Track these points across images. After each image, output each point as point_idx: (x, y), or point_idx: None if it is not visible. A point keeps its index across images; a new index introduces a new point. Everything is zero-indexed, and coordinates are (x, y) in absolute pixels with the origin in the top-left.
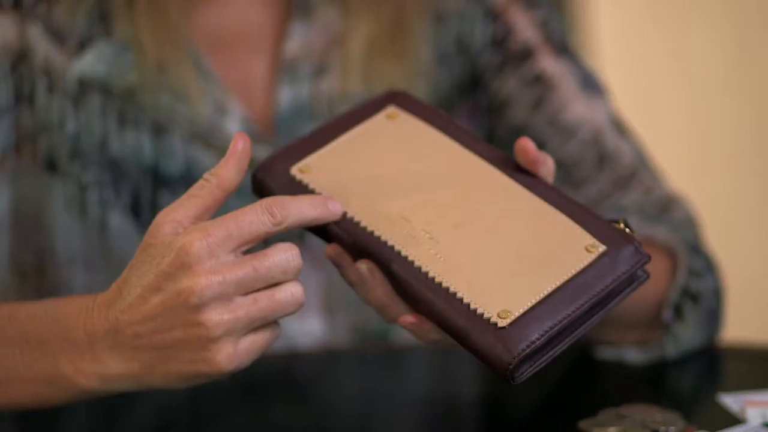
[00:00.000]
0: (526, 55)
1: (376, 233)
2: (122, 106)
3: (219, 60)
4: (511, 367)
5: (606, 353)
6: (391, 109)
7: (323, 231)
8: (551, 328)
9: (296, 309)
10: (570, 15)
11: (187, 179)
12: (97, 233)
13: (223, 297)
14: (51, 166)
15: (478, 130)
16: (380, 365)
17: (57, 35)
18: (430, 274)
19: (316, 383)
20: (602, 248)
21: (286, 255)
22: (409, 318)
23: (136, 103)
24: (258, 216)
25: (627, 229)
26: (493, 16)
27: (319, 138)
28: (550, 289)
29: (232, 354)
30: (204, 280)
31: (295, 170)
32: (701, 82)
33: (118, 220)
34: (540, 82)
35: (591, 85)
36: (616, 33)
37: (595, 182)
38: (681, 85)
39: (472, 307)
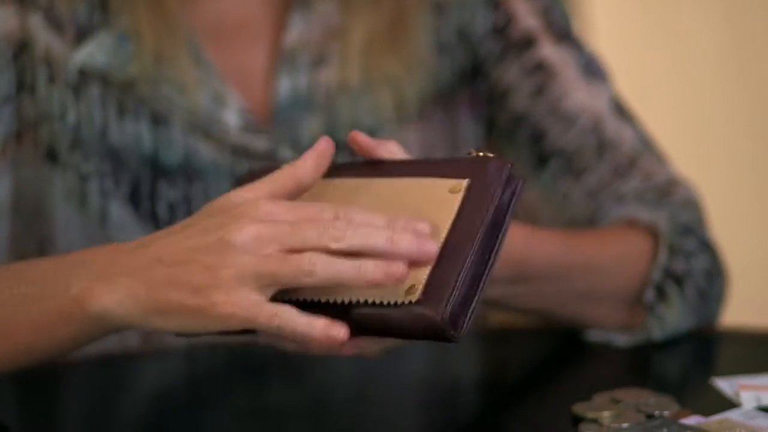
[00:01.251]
0: (527, 43)
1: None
2: (121, 97)
3: (218, 50)
4: (445, 326)
5: (595, 336)
6: None
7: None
8: (459, 273)
9: (303, 280)
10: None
11: (186, 169)
12: (97, 224)
13: (256, 243)
14: (51, 156)
15: (479, 119)
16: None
17: (58, 25)
18: (338, 300)
19: (313, 366)
20: (465, 182)
21: (330, 222)
22: (346, 344)
23: (135, 93)
24: (323, 206)
25: (480, 153)
26: (494, 4)
27: None
28: (438, 245)
29: (232, 300)
30: (249, 224)
31: None
32: (695, 65)
33: (119, 211)
34: (541, 70)
35: (592, 71)
36: (610, 16)
37: (595, 171)
38: (675, 68)
39: (381, 302)
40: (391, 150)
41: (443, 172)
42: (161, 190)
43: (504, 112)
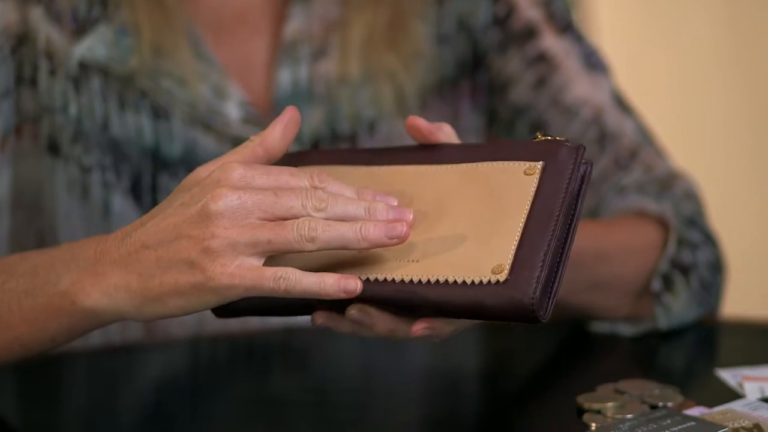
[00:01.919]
0: (528, 34)
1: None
2: (122, 90)
3: (218, 42)
4: (534, 307)
5: (600, 327)
6: None
7: (299, 309)
8: (545, 254)
9: (306, 246)
10: None
11: (187, 162)
12: (99, 216)
13: (238, 213)
14: (53, 148)
15: (480, 109)
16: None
17: (58, 18)
18: (414, 279)
19: (316, 356)
20: (539, 164)
21: (309, 190)
22: (419, 325)
23: (135, 86)
24: (300, 172)
25: (548, 137)
26: None
27: None
28: (521, 225)
29: (229, 269)
30: (227, 191)
31: None
32: (695, 59)
33: (120, 203)
34: (542, 61)
35: (593, 62)
36: (611, 9)
37: (596, 163)
38: (675, 61)
39: (468, 281)
40: (446, 130)
41: (513, 155)
42: (162, 182)
43: (505, 104)
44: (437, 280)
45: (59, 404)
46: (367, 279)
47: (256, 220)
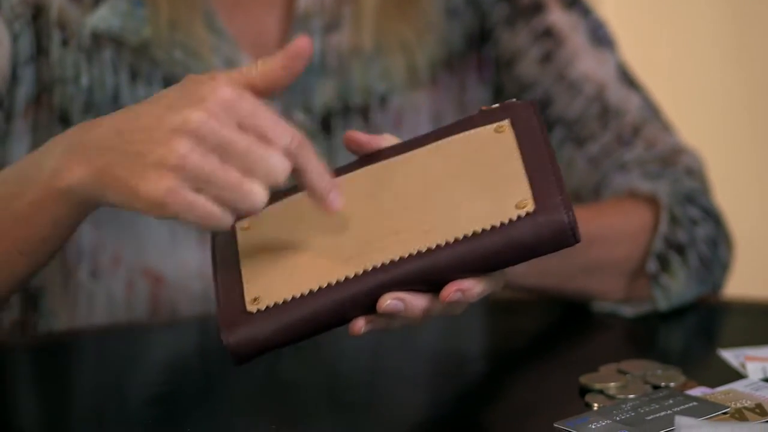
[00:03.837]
0: (536, 8)
1: (365, 270)
2: (134, 61)
3: (231, 15)
4: (572, 225)
5: (601, 307)
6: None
7: (327, 325)
8: (558, 180)
9: (248, 208)
10: None
11: None
12: None
13: (205, 141)
14: (64, 119)
15: (487, 84)
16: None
17: None
18: (440, 243)
19: (325, 338)
20: (506, 121)
21: (281, 163)
22: (449, 289)
23: (148, 57)
24: (286, 127)
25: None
26: None
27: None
28: (522, 167)
29: (172, 191)
30: (205, 114)
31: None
32: (698, 36)
33: None
34: (549, 36)
35: (600, 37)
36: None
37: (598, 139)
38: (679, 38)
39: (496, 225)
40: (390, 140)
41: (475, 124)
42: None
43: (511, 78)
44: (464, 236)
45: (66, 385)
46: (391, 261)
47: (217, 156)
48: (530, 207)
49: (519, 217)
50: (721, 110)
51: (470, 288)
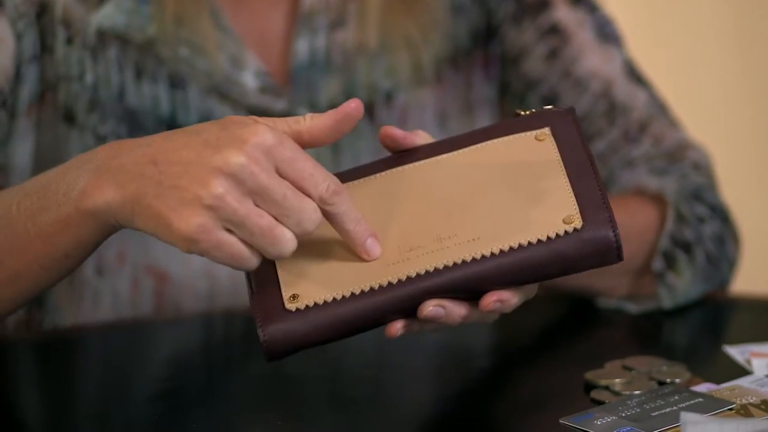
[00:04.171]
0: (542, 5)
1: (408, 276)
2: (139, 59)
3: (236, 12)
4: (618, 244)
5: (606, 303)
6: None
7: (365, 327)
8: (603, 196)
9: (276, 253)
10: None
11: None
12: None
13: (243, 185)
14: (69, 117)
15: (493, 81)
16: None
17: None
18: (485, 254)
19: None
20: (546, 129)
21: (314, 213)
22: (489, 299)
23: (154, 54)
24: (322, 175)
25: (532, 110)
26: None
27: None
28: (566, 179)
29: (205, 229)
30: (245, 158)
31: None
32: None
33: None
34: (555, 33)
35: (606, 34)
36: None
37: (605, 135)
38: (684, 32)
39: (543, 239)
40: (424, 137)
41: (514, 129)
42: None
43: (517, 75)
44: (510, 247)
45: (71, 381)
46: (435, 269)
47: (251, 200)
48: (578, 223)
49: (566, 233)
50: (725, 106)
51: (509, 299)
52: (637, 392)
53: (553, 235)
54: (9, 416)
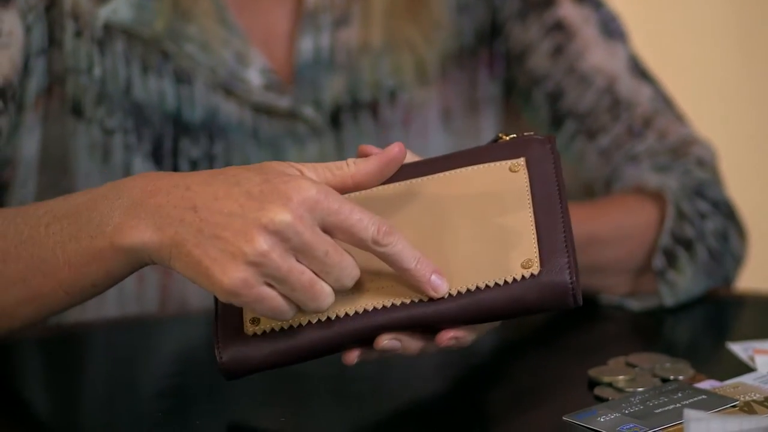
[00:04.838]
0: (547, 1)
1: (366, 309)
2: (145, 53)
3: (241, 9)
4: (574, 292)
5: (608, 300)
6: None
7: (321, 354)
8: (566, 239)
9: (314, 308)
10: None
11: (208, 127)
12: (120, 179)
13: (287, 242)
14: (77, 110)
15: (498, 79)
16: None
17: None
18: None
19: None
20: (521, 160)
21: (354, 270)
22: (445, 336)
23: (159, 50)
24: (370, 218)
25: (513, 135)
26: None
27: None
28: (531, 218)
29: (247, 284)
30: (291, 216)
31: None
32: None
33: (141, 167)
34: (560, 29)
35: (611, 30)
36: None
37: (609, 131)
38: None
39: (500, 282)
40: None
41: (490, 157)
42: (183, 147)
43: (523, 72)
44: (467, 290)
45: (76, 377)
46: (393, 305)
47: (294, 256)
48: (535, 269)
49: (523, 277)
50: (731, 102)
51: (465, 336)
52: (640, 389)
53: (510, 280)
54: (15, 413)
